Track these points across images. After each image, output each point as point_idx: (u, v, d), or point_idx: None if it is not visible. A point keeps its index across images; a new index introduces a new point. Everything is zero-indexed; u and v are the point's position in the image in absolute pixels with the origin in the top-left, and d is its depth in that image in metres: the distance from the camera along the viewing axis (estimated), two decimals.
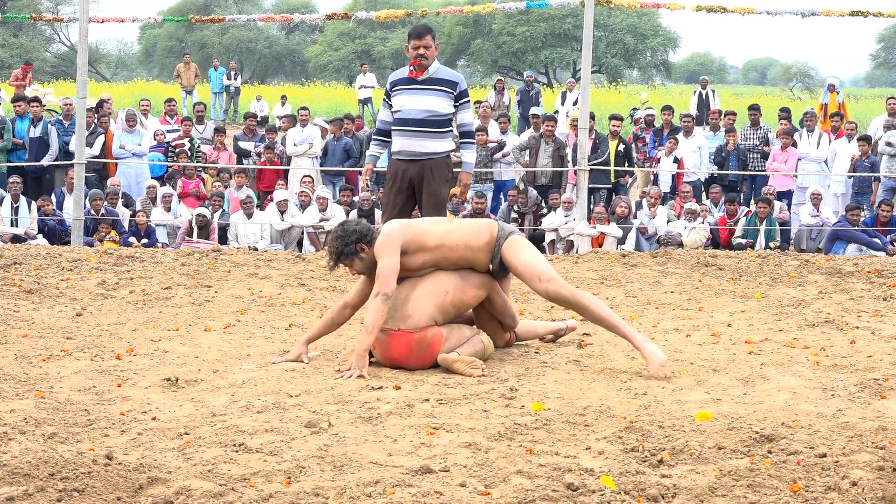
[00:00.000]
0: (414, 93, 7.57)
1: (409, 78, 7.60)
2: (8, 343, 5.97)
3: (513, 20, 43.89)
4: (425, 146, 7.58)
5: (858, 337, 6.32)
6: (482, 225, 5.81)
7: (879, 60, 55.84)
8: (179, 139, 16.06)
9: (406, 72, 7.66)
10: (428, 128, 7.56)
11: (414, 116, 7.55)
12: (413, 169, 7.60)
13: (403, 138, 7.60)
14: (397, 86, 7.65)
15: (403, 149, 7.62)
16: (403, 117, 7.58)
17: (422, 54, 7.56)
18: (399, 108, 7.59)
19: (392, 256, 5.50)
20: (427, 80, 7.58)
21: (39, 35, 51.64)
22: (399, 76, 7.73)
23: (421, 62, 7.55)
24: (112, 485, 3.65)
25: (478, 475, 3.83)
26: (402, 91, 7.61)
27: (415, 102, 7.55)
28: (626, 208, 13.68)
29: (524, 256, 5.67)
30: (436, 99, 7.57)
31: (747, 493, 3.64)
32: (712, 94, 20.88)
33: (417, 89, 7.57)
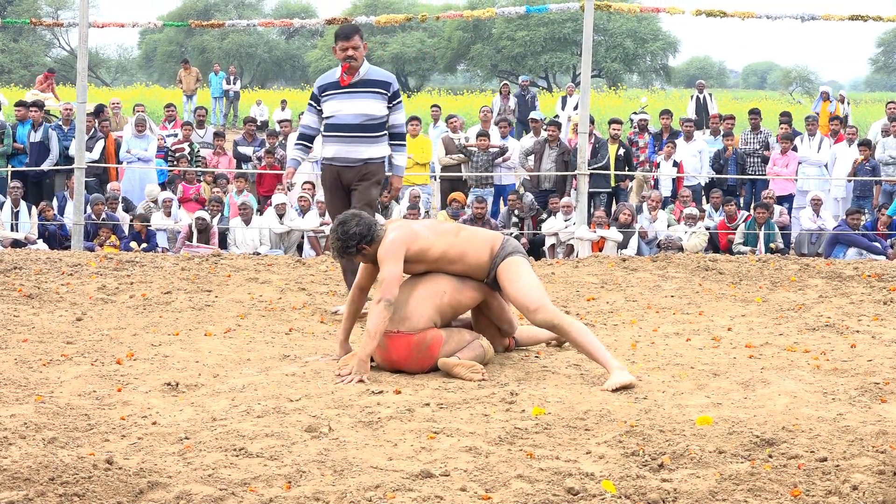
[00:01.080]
0: (347, 97, 7.28)
1: (339, 83, 7.31)
2: (8, 348, 5.96)
3: (513, 24, 43.95)
4: (361, 152, 7.31)
5: (859, 341, 6.32)
6: (484, 241, 5.71)
7: (879, 65, 55.85)
8: (179, 143, 16.07)
9: (336, 75, 7.34)
10: (364, 133, 7.29)
11: (349, 122, 7.27)
12: (349, 175, 7.34)
13: (338, 144, 7.32)
14: (328, 90, 7.34)
15: (339, 155, 7.33)
16: (338, 122, 7.29)
17: (351, 56, 7.22)
18: (332, 113, 7.30)
19: (396, 264, 5.46)
20: (359, 83, 7.28)
21: (39, 40, 51.66)
22: (328, 80, 7.40)
23: (351, 64, 7.23)
24: (112, 489, 3.65)
25: (478, 479, 3.83)
26: (334, 96, 7.30)
27: (349, 107, 7.27)
28: (630, 215, 13.69)
29: (516, 284, 5.55)
30: (371, 102, 7.31)
31: (748, 497, 3.64)
32: (710, 98, 20.87)
33: (350, 93, 7.28)
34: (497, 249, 5.67)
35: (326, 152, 7.42)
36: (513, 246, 5.74)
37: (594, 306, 7.64)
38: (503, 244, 5.71)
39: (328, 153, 7.41)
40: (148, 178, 15.22)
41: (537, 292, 5.56)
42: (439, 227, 5.86)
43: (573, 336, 5.46)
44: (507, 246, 5.70)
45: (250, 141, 16.56)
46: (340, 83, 7.30)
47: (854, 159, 14.71)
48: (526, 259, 5.75)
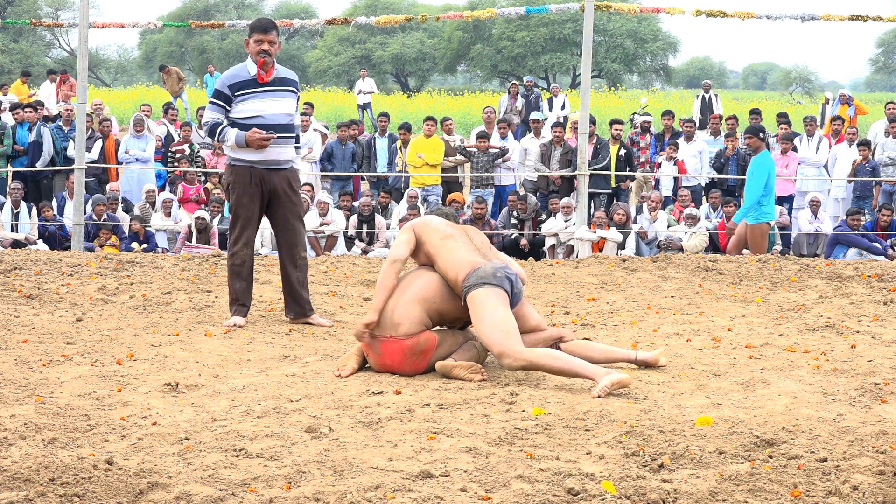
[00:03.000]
0: (268, 95, 6.90)
1: (256, 80, 6.88)
2: (8, 348, 5.97)
3: (513, 25, 43.99)
4: (288, 154, 6.99)
5: (859, 341, 6.32)
6: (456, 264, 5.53)
7: (879, 65, 55.90)
8: (179, 144, 16.07)
9: (248, 72, 6.91)
10: (289, 133, 6.96)
11: (278, 122, 6.88)
12: (276, 179, 6.94)
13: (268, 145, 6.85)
14: (243, 89, 6.85)
15: (267, 157, 6.87)
16: (266, 123, 6.83)
17: (266, 50, 6.89)
18: (256, 113, 6.84)
19: (406, 233, 5.72)
20: (275, 81, 6.94)
21: (39, 40, 51.74)
22: (240, 77, 6.90)
23: (265, 59, 6.88)
24: (112, 490, 3.65)
25: (478, 480, 3.83)
26: (254, 94, 6.86)
27: (274, 106, 6.90)
28: (624, 215, 13.70)
29: (479, 325, 5.38)
30: (290, 101, 7.01)
31: (748, 497, 3.64)
32: (715, 98, 20.91)
33: (270, 91, 6.92)
34: (462, 279, 5.47)
35: (248, 154, 6.85)
36: (479, 277, 5.44)
37: (594, 307, 7.64)
38: (468, 275, 5.46)
39: (250, 155, 6.85)
40: (146, 179, 15.22)
41: (497, 333, 5.29)
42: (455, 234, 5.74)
43: (549, 367, 5.26)
44: (471, 277, 5.44)
45: None
46: (258, 80, 6.89)
47: (854, 160, 14.71)
48: (492, 289, 5.41)
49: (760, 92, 61.05)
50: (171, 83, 25.36)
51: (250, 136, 6.77)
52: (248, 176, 6.90)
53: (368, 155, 16.08)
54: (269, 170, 6.93)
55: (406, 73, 50.60)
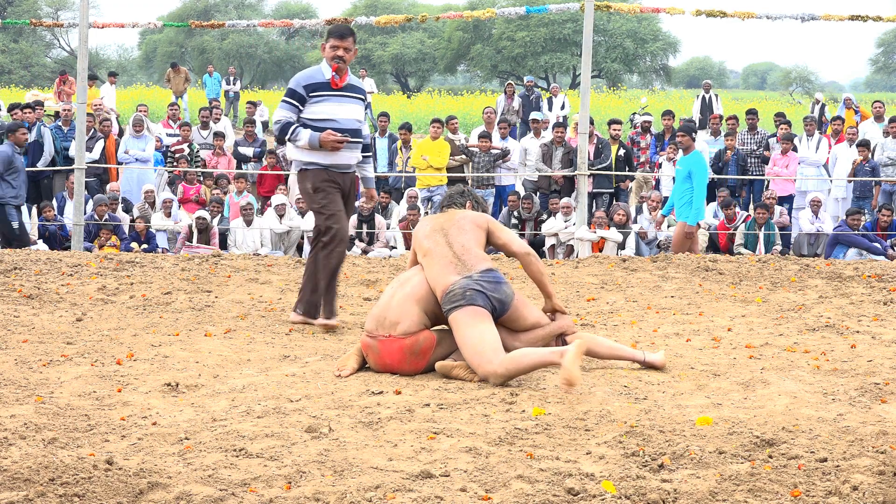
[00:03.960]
0: (341, 100, 6.98)
1: (329, 84, 6.95)
2: (8, 348, 5.97)
3: (513, 25, 43.98)
4: (355, 158, 7.10)
5: (859, 341, 6.32)
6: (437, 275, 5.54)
7: (879, 65, 55.91)
8: (178, 144, 16.07)
9: (323, 75, 6.97)
10: (358, 139, 7.06)
11: (350, 126, 6.98)
12: (345, 181, 7.06)
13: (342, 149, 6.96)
14: (318, 91, 6.93)
15: (339, 161, 6.99)
16: (339, 127, 6.92)
17: (341, 56, 6.93)
18: (329, 116, 6.92)
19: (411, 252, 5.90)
20: (347, 87, 7.00)
21: (39, 40, 51.75)
22: (316, 80, 6.97)
23: (340, 66, 6.93)
24: (112, 490, 3.65)
25: (478, 480, 3.83)
26: (327, 98, 6.94)
27: (346, 111, 6.99)
28: (624, 215, 13.70)
29: (461, 347, 5.39)
30: (359, 108, 7.09)
31: (748, 497, 3.64)
32: (715, 98, 20.92)
33: (343, 96, 6.99)
34: (442, 296, 5.48)
35: (321, 157, 6.94)
36: (450, 300, 5.42)
37: (594, 306, 7.64)
38: (443, 300, 5.46)
39: (322, 159, 6.94)
40: (146, 179, 15.22)
41: (470, 355, 5.29)
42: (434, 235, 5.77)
43: (525, 366, 5.23)
44: (445, 302, 5.44)
45: (250, 142, 16.57)
46: (332, 85, 6.97)
47: (853, 160, 14.71)
48: (462, 311, 5.37)
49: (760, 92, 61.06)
50: (177, 82, 25.40)
51: (325, 138, 6.86)
52: (321, 177, 6.97)
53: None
54: (342, 173, 7.04)
55: (406, 73, 50.61)
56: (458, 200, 6.03)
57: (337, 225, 6.90)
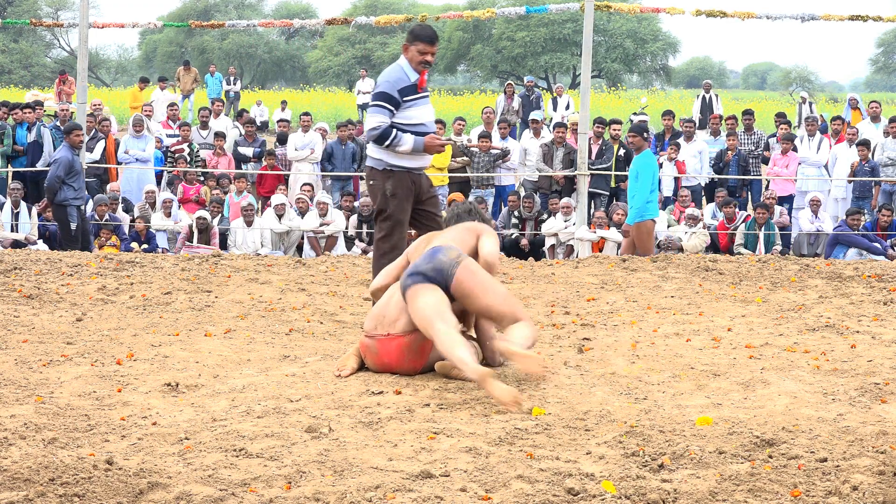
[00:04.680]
0: (425, 102, 6.98)
1: (416, 87, 6.90)
2: (8, 348, 5.97)
3: (512, 25, 43.98)
4: (430, 160, 7.19)
5: (859, 341, 6.32)
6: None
7: (879, 65, 55.91)
8: (178, 144, 16.07)
9: (410, 78, 6.90)
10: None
11: (433, 130, 7.04)
12: (424, 183, 7.10)
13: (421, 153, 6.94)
14: (409, 94, 6.87)
15: (422, 163, 7.02)
16: (428, 131, 6.91)
17: (429, 62, 6.90)
18: (422, 120, 6.91)
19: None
20: (425, 88, 7.04)
21: (39, 40, 51.76)
22: (405, 83, 6.88)
23: (425, 70, 6.93)
24: (112, 490, 3.65)
25: (478, 480, 3.83)
26: (416, 101, 6.91)
27: (430, 113, 7.01)
28: (624, 215, 13.70)
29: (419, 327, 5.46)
30: (433, 109, 7.20)
31: (748, 497, 3.64)
32: (715, 98, 20.93)
33: (425, 98, 6.99)
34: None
35: (404, 160, 6.88)
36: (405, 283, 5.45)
37: (594, 306, 7.64)
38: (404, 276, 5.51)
39: (407, 161, 6.89)
40: (146, 179, 15.22)
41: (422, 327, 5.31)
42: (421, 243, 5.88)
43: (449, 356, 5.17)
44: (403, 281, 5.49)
45: (250, 142, 16.57)
46: (418, 87, 6.89)
47: (853, 160, 14.71)
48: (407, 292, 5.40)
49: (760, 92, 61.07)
50: (186, 81, 25.43)
51: (430, 142, 6.85)
52: (408, 181, 6.94)
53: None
54: (421, 175, 7.07)
55: None
56: (463, 217, 6.00)
57: (398, 235, 6.95)
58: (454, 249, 5.50)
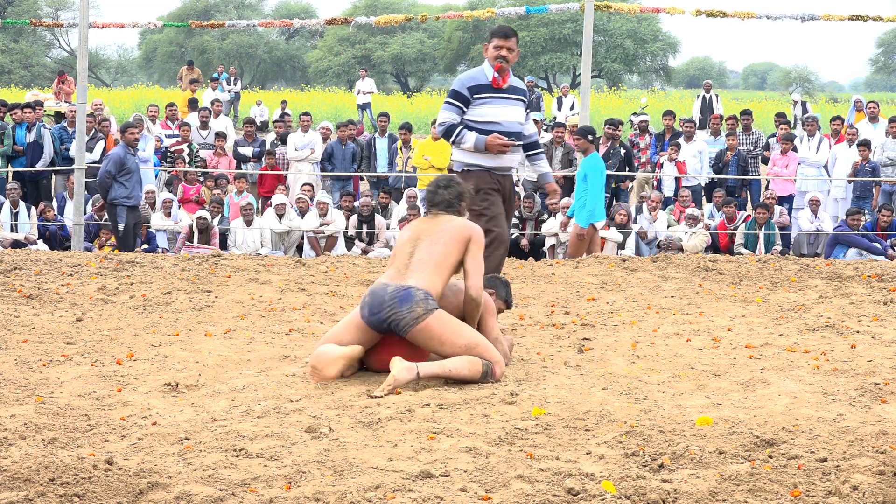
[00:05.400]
0: (504, 102, 6.86)
1: (491, 85, 6.83)
2: (8, 348, 5.97)
3: (513, 25, 43.91)
4: (517, 160, 6.99)
5: (859, 341, 6.32)
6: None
7: (879, 65, 55.90)
8: (178, 144, 16.06)
9: (485, 76, 6.84)
10: (521, 141, 6.94)
11: (513, 129, 6.85)
12: (506, 183, 6.96)
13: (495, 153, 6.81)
14: (482, 92, 6.82)
15: (502, 164, 6.86)
16: (504, 130, 6.79)
17: (504, 56, 6.80)
18: (494, 118, 6.81)
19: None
20: (510, 89, 6.88)
21: (39, 40, 51.73)
22: (479, 81, 6.84)
23: (502, 66, 6.81)
24: (112, 490, 3.65)
25: (478, 480, 3.83)
26: (491, 100, 6.82)
27: (508, 114, 6.86)
28: (625, 215, 13.71)
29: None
30: (520, 110, 6.95)
31: (748, 497, 3.64)
32: (716, 98, 20.92)
33: (506, 98, 6.87)
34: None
35: (483, 160, 6.82)
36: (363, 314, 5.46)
37: (594, 306, 7.64)
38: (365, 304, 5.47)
39: (486, 161, 6.82)
40: (146, 179, 15.21)
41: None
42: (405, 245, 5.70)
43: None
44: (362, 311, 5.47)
45: (250, 142, 16.57)
46: (493, 85, 6.83)
47: (854, 161, 14.71)
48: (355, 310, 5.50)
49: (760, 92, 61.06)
50: (188, 81, 25.43)
51: (491, 142, 6.74)
52: (489, 178, 6.85)
53: (368, 155, 16.09)
54: (504, 175, 6.93)
55: (406, 73, 50.59)
56: (453, 204, 5.76)
57: (497, 228, 6.82)
58: (421, 303, 5.28)
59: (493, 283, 6.07)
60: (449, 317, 5.40)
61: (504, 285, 6.14)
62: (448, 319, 5.37)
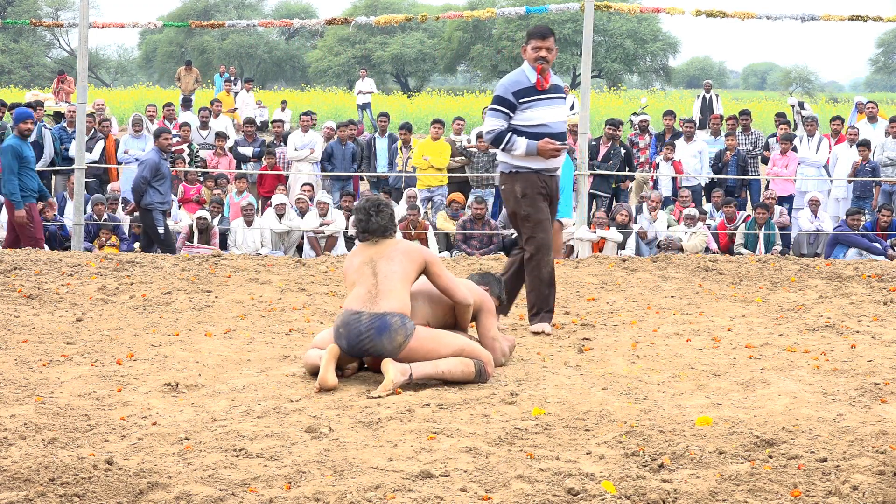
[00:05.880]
0: (548, 103, 6.78)
1: (535, 87, 6.76)
2: (8, 348, 5.97)
3: (513, 25, 43.96)
4: (562, 161, 6.91)
5: (859, 341, 6.32)
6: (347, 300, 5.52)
7: (879, 65, 55.91)
8: (178, 144, 16.05)
9: (528, 79, 6.78)
10: (566, 140, 6.88)
11: (561, 130, 6.79)
12: (552, 184, 6.89)
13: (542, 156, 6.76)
14: (526, 96, 6.74)
15: (551, 164, 6.80)
16: (552, 132, 6.74)
17: (544, 57, 6.74)
18: (542, 121, 6.73)
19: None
20: (552, 89, 6.80)
21: (39, 40, 51.73)
22: (522, 84, 6.78)
23: (543, 66, 6.75)
24: (112, 490, 3.65)
25: (478, 480, 3.83)
26: (536, 102, 6.75)
27: (555, 114, 6.79)
28: (627, 216, 13.70)
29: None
30: (564, 109, 6.89)
31: (748, 497, 3.64)
32: (716, 98, 20.91)
33: (550, 99, 6.79)
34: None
35: (529, 162, 6.76)
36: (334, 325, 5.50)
37: (594, 306, 7.64)
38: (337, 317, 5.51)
39: (534, 163, 6.77)
40: None
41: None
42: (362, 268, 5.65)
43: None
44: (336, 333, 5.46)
45: (250, 142, 16.56)
46: (537, 87, 6.76)
47: (854, 161, 14.71)
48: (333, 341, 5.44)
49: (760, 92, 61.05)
50: (187, 81, 25.42)
51: (543, 147, 6.72)
52: (537, 181, 6.81)
53: (368, 155, 16.08)
54: (551, 176, 6.89)
55: (406, 73, 50.60)
56: (389, 227, 5.60)
57: (542, 234, 6.80)
58: (399, 330, 5.24)
59: (487, 280, 6.09)
60: (428, 331, 5.39)
61: (497, 282, 6.15)
62: (429, 335, 5.36)
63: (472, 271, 8.81)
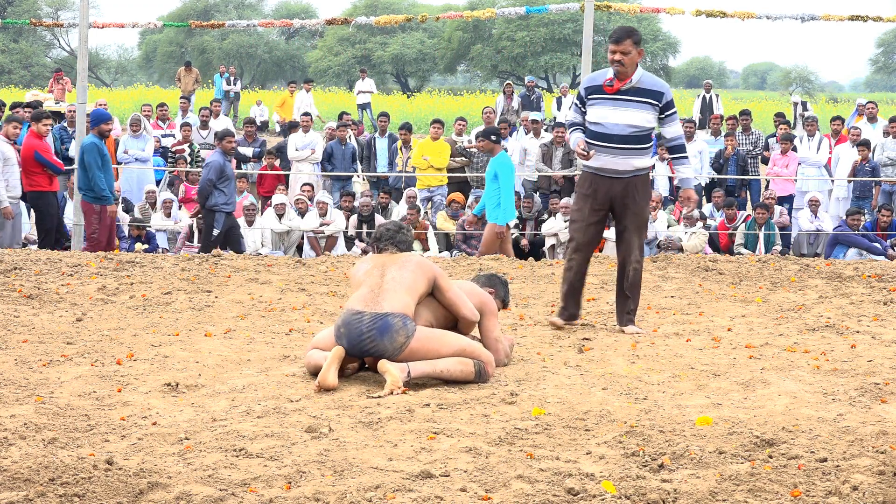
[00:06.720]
0: (615, 105, 6.80)
1: (602, 87, 6.83)
2: (8, 348, 5.97)
3: (513, 25, 43.96)
4: (630, 163, 6.83)
5: (859, 341, 6.32)
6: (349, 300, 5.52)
7: (879, 65, 55.91)
8: (179, 144, 16.06)
9: (603, 79, 6.84)
10: (632, 144, 6.80)
11: (617, 132, 6.78)
12: (616, 187, 6.86)
13: (605, 155, 6.80)
14: (594, 94, 6.86)
15: (606, 166, 6.83)
16: (605, 132, 6.79)
17: (618, 60, 6.69)
18: (598, 120, 6.81)
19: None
20: (629, 91, 6.76)
21: (39, 40, 51.71)
22: (595, 82, 6.89)
23: (618, 70, 6.73)
24: (112, 490, 3.65)
25: (478, 480, 3.83)
26: (600, 101, 6.82)
27: (617, 116, 6.78)
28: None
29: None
30: (639, 113, 6.78)
31: (748, 497, 3.64)
32: (716, 98, 20.92)
33: (619, 101, 6.79)
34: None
35: (591, 161, 6.86)
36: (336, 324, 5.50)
37: (594, 306, 7.64)
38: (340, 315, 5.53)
39: (593, 162, 6.87)
40: (145, 179, 15.21)
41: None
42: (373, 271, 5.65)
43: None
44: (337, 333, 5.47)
45: (250, 142, 16.56)
46: (604, 89, 6.82)
47: (854, 160, 14.71)
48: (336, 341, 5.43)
49: (760, 92, 61.07)
50: (188, 81, 25.41)
51: (576, 146, 6.89)
52: (588, 182, 6.95)
53: (368, 155, 16.09)
54: (609, 178, 6.88)
55: (406, 73, 50.59)
56: (403, 239, 5.66)
57: (576, 235, 6.99)
58: (401, 331, 5.23)
59: (492, 282, 6.09)
60: (430, 332, 5.39)
61: (503, 284, 6.15)
62: (430, 335, 5.36)
63: (473, 271, 8.81)
